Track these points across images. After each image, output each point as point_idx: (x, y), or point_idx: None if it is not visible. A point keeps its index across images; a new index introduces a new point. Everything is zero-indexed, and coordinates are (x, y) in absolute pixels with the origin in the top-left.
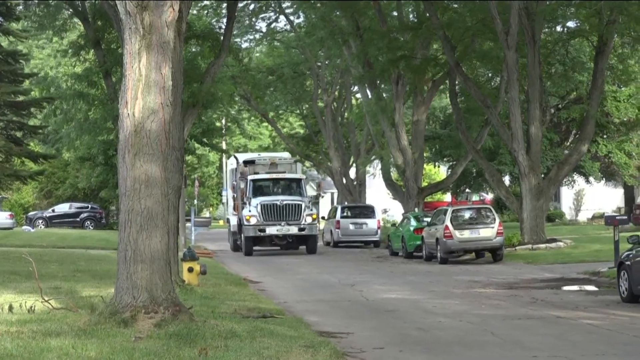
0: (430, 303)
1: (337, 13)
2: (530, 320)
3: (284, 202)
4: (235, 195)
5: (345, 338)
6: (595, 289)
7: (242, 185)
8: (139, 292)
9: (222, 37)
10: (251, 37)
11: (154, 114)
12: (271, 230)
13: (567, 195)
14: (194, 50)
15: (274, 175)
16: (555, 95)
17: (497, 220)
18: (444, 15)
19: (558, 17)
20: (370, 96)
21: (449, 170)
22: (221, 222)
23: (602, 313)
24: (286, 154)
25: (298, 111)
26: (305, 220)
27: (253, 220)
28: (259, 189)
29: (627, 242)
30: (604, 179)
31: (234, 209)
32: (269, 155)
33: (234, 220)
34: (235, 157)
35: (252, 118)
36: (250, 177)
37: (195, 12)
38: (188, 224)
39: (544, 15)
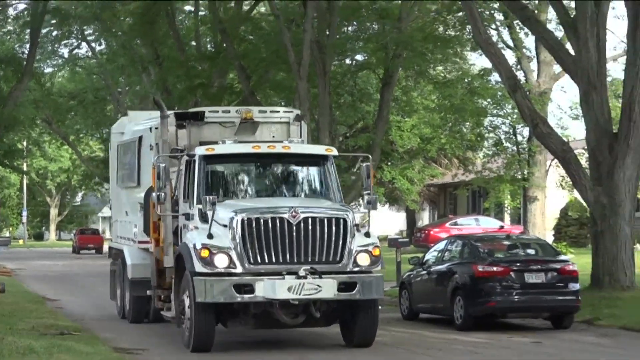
0: None
1: (138, 41)
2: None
3: (303, 215)
4: (160, 197)
5: (140, 354)
6: (379, 307)
7: (179, 175)
8: None
9: (25, 62)
10: (54, 62)
11: None
12: (272, 289)
13: None
14: None
15: (264, 148)
16: (344, 124)
17: None
18: (240, 46)
19: (347, 51)
20: None
21: None
22: (21, 242)
23: (384, 330)
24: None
25: (98, 135)
26: (354, 261)
27: (222, 261)
28: (225, 181)
29: (409, 263)
30: (387, 203)
31: (147, 229)
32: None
33: (138, 256)
34: (159, 104)
35: (53, 141)
36: (200, 151)
37: None
38: None
39: (334, 49)
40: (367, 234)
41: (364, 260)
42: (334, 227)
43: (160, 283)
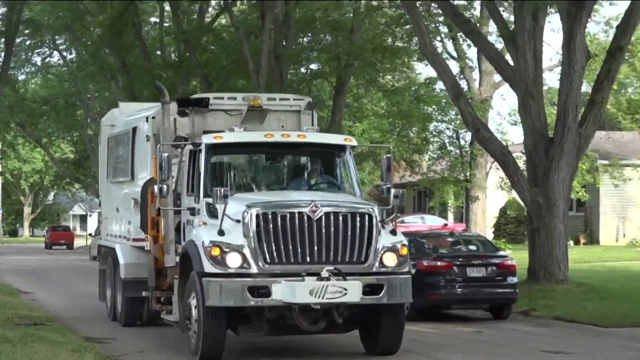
0: None
1: (106, 51)
2: None
3: (324, 209)
4: (162, 189)
5: (109, 343)
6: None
7: (181, 167)
8: None
9: (0, 70)
10: (27, 69)
11: None
12: (291, 292)
13: None
14: None
15: (278, 137)
16: None
17: None
18: (203, 56)
19: (303, 60)
20: None
21: None
22: None
23: None
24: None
25: (69, 138)
26: (380, 261)
27: (234, 260)
28: (234, 173)
29: None
30: None
31: (144, 226)
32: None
33: (131, 255)
34: (160, 89)
35: (27, 143)
36: (207, 140)
37: None
38: None
39: (290, 58)
40: (394, 232)
41: (390, 260)
42: (358, 224)
43: (159, 284)
